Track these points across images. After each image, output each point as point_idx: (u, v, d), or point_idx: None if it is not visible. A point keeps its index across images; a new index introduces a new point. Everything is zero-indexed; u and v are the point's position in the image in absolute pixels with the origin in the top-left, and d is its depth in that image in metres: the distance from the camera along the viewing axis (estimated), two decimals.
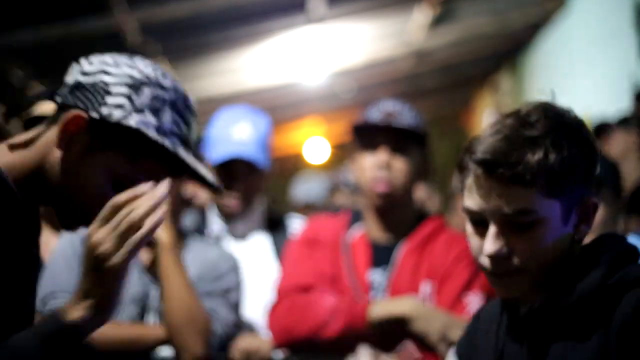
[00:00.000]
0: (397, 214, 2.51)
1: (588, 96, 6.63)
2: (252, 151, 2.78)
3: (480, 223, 1.40)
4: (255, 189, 2.84)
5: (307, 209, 5.52)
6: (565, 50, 7.50)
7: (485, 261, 1.40)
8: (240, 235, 2.84)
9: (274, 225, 2.88)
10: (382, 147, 2.49)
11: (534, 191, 1.34)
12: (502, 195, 1.35)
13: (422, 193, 4.96)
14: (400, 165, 2.48)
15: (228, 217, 2.83)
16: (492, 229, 1.38)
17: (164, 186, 1.37)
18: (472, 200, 1.39)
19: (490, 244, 1.38)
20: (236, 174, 2.79)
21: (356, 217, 2.57)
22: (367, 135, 2.52)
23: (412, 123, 2.50)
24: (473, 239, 1.42)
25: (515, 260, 1.38)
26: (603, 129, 4.92)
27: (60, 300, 2.29)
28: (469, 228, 1.42)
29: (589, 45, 6.82)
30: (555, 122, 1.39)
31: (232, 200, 2.80)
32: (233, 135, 2.80)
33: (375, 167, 2.47)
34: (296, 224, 2.87)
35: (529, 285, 1.40)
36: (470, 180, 1.39)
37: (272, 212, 2.98)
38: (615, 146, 4.45)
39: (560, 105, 1.45)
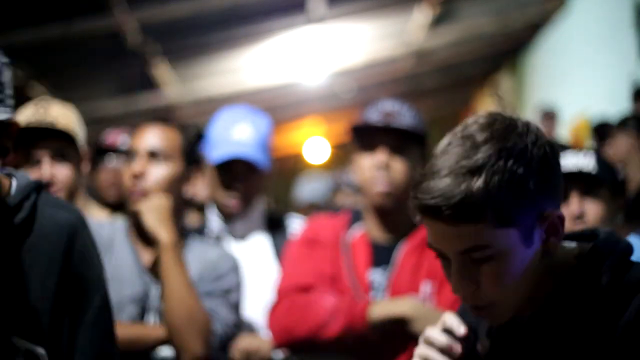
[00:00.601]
0: (397, 214, 2.51)
1: (588, 96, 6.64)
2: (252, 151, 2.78)
3: (444, 257, 1.35)
4: (255, 189, 2.84)
5: (311, 209, 5.52)
6: (565, 50, 7.51)
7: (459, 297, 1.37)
8: (240, 236, 2.84)
9: (274, 225, 2.88)
10: (381, 148, 2.48)
11: (483, 226, 1.29)
12: (452, 235, 1.31)
13: None
14: (399, 166, 2.48)
15: (228, 217, 2.83)
16: (453, 268, 1.34)
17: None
18: (428, 237, 1.35)
19: (454, 283, 1.34)
20: (236, 174, 2.79)
21: (356, 217, 2.57)
22: (366, 136, 2.52)
23: (411, 123, 2.49)
24: (445, 273, 1.37)
25: (485, 294, 1.33)
26: (603, 130, 4.92)
27: None
28: (440, 262, 1.38)
29: (589, 45, 6.82)
30: (502, 141, 1.31)
31: (232, 200, 2.80)
32: (233, 135, 2.80)
33: (374, 168, 2.47)
34: (296, 224, 2.87)
35: (512, 310, 1.36)
36: (422, 220, 1.35)
37: (272, 213, 2.98)
38: (617, 149, 4.45)
39: (509, 115, 1.37)
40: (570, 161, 2.34)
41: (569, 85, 7.18)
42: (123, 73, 7.31)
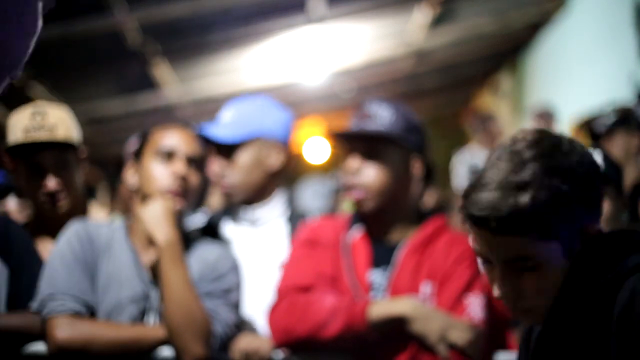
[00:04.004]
0: (393, 215, 2.51)
1: (588, 96, 6.63)
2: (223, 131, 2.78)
3: (489, 262, 1.45)
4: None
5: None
6: (565, 50, 7.50)
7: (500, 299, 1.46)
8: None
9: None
10: (353, 154, 2.48)
11: (528, 238, 1.39)
12: (499, 244, 1.41)
13: (430, 198, 4.95)
14: (371, 171, 2.45)
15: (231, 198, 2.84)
16: (497, 273, 1.44)
17: None
18: (475, 244, 1.45)
19: (497, 288, 1.44)
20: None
21: (357, 218, 2.57)
22: (344, 142, 2.54)
23: (386, 126, 2.46)
24: (489, 278, 1.47)
25: (525, 300, 1.43)
26: (597, 127, 4.91)
27: (59, 303, 2.29)
28: (484, 267, 1.48)
29: (589, 45, 6.82)
30: (548, 159, 1.40)
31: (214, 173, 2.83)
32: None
33: (347, 175, 2.48)
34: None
35: (544, 313, 1.45)
36: (470, 228, 1.44)
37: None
38: (617, 148, 4.44)
39: (555, 133, 1.46)
40: None
41: (569, 85, 7.18)
42: (123, 73, 7.31)
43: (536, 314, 1.45)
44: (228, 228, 2.80)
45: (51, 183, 2.49)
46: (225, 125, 2.78)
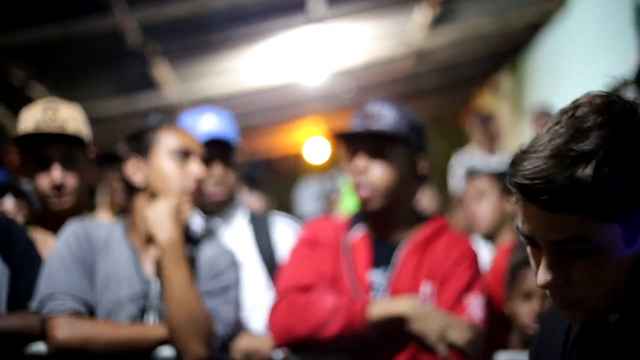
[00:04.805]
0: (396, 215, 2.51)
1: None
2: (224, 133, 2.87)
3: (535, 244, 1.24)
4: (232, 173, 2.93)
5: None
6: (565, 50, 7.50)
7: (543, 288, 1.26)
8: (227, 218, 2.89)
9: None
10: (360, 153, 2.49)
11: (585, 217, 1.17)
12: (549, 222, 1.19)
13: (426, 198, 4.95)
14: (378, 170, 2.46)
15: (214, 207, 2.88)
16: (544, 258, 1.22)
17: None
18: (521, 223, 1.24)
19: (541, 274, 1.22)
20: (213, 156, 2.85)
21: (357, 218, 2.57)
22: (347, 142, 2.54)
23: (390, 125, 2.47)
24: (532, 262, 1.27)
25: (573, 289, 1.22)
26: None
27: (58, 302, 2.28)
28: (528, 249, 1.27)
29: (589, 45, 6.82)
30: (614, 128, 1.18)
31: (215, 188, 2.86)
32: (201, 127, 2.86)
33: (354, 174, 2.49)
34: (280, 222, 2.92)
35: (594, 312, 1.24)
36: (516, 201, 1.23)
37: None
38: None
39: (625, 98, 1.22)
40: None
41: (569, 85, 7.17)
42: (123, 73, 7.30)
43: (584, 309, 1.23)
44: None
45: (57, 175, 2.49)
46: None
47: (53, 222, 2.54)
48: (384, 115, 2.48)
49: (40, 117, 2.52)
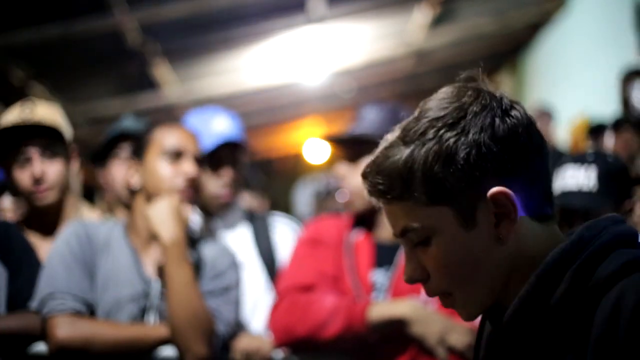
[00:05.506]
0: None
1: (588, 96, 6.63)
2: (236, 136, 2.85)
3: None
4: (241, 176, 2.92)
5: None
6: (565, 50, 7.50)
7: None
8: (230, 225, 2.88)
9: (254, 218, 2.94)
10: (341, 159, 2.51)
11: (412, 203, 1.15)
12: (389, 214, 1.19)
13: None
14: (355, 175, 2.45)
15: (217, 209, 2.88)
16: (404, 253, 1.21)
17: None
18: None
19: (405, 269, 1.22)
20: (224, 159, 2.84)
21: (360, 218, 2.57)
22: (334, 147, 2.59)
23: (372, 129, 2.44)
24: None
25: (437, 282, 1.19)
26: (599, 130, 4.92)
27: (58, 302, 2.28)
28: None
29: (589, 45, 6.82)
30: (440, 111, 1.16)
31: (223, 190, 2.84)
32: (214, 128, 2.86)
33: (338, 179, 2.52)
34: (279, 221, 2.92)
35: (479, 306, 1.20)
36: None
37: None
38: (625, 144, 4.45)
39: (480, 87, 1.22)
40: (570, 178, 2.23)
41: (569, 85, 7.18)
42: (123, 73, 7.30)
43: (462, 303, 1.19)
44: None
45: (37, 168, 2.47)
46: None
47: (38, 221, 2.53)
48: (366, 119, 2.48)
49: (17, 115, 2.52)
